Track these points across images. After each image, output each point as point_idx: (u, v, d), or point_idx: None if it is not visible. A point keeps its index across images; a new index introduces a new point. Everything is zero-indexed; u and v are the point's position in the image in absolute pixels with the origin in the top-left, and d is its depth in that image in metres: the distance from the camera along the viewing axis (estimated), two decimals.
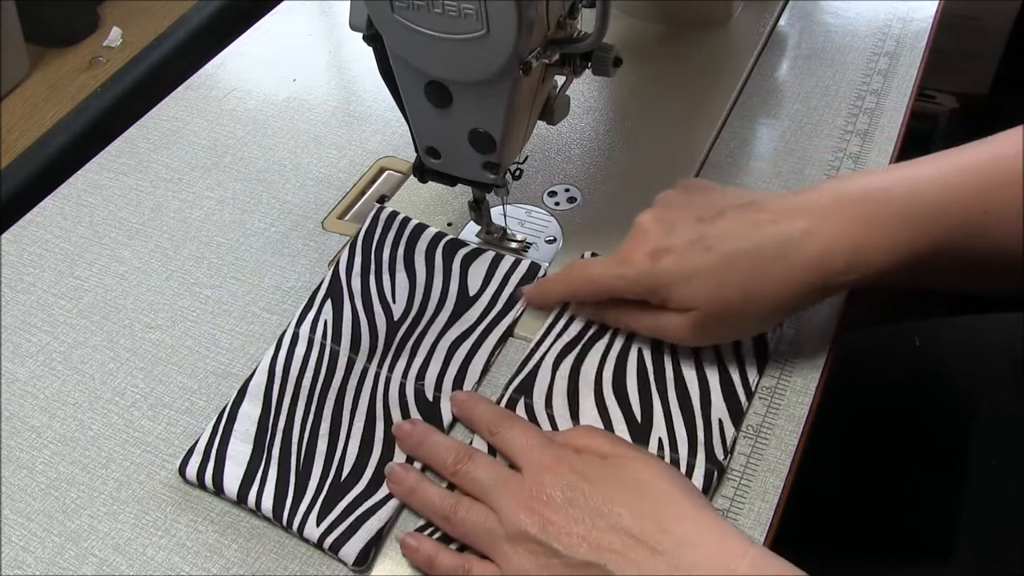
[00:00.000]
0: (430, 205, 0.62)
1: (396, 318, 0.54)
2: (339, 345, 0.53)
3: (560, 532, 0.40)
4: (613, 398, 0.50)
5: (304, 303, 0.55)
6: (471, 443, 0.48)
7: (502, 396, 0.51)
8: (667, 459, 0.47)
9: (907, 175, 0.45)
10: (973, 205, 0.44)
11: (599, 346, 0.52)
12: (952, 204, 0.44)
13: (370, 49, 0.50)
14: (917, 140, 1.36)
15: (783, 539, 0.45)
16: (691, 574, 0.38)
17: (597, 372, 0.51)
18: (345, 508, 0.46)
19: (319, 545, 0.45)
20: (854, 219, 0.44)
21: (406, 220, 0.58)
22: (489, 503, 0.43)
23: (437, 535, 0.45)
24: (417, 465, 0.48)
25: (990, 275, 0.47)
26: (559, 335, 0.53)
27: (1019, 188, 0.44)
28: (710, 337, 0.49)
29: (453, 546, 0.44)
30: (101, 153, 0.70)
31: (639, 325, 0.50)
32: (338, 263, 0.57)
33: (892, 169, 0.46)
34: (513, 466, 0.45)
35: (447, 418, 0.50)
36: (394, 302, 0.55)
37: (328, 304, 0.55)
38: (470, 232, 0.60)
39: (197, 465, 0.48)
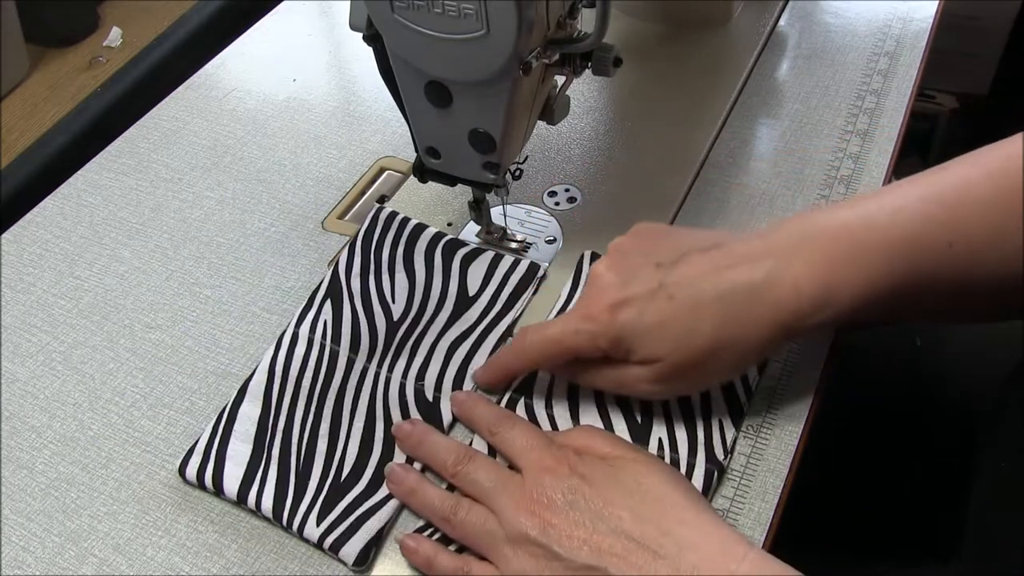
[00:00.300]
0: (430, 205, 0.62)
1: (396, 318, 0.54)
2: (339, 345, 0.53)
3: (561, 535, 0.40)
4: (613, 398, 0.49)
5: (304, 303, 0.55)
6: (471, 443, 0.48)
7: (502, 396, 0.51)
8: (667, 459, 0.46)
9: (871, 209, 0.44)
10: (938, 238, 0.43)
11: None
12: (918, 237, 0.43)
13: (370, 49, 0.50)
14: (917, 140, 1.36)
15: (783, 539, 0.45)
16: None
17: None
18: (345, 508, 0.46)
19: (319, 545, 0.45)
20: (821, 260, 0.43)
21: (406, 220, 0.58)
22: (489, 505, 0.43)
23: (437, 536, 0.45)
24: (417, 465, 0.48)
25: (961, 305, 0.47)
26: None
27: (984, 216, 0.43)
28: (677, 388, 0.47)
29: (452, 547, 0.44)
30: (101, 153, 0.70)
31: (602, 382, 0.48)
32: (338, 263, 0.57)
33: (856, 202, 0.45)
34: (513, 467, 0.45)
35: (447, 418, 0.50)
36: (394, 302, 0.55)
37: (328, 304, 0.55)
38: (470, 232, 0.60)
39: (197, 465, 0.48)
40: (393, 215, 0.59)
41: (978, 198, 0.43)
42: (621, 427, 0.48)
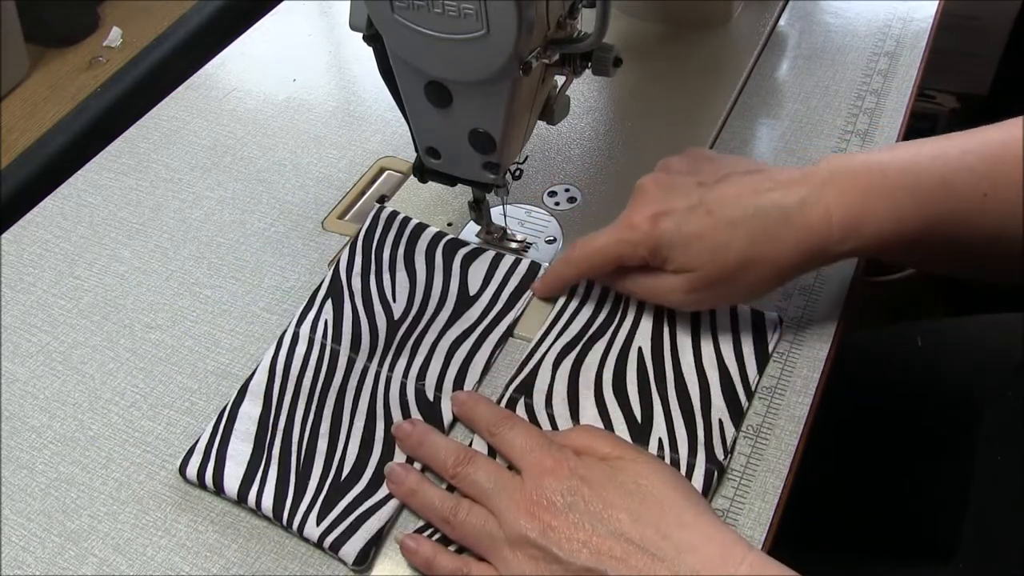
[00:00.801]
0: (430, 205, 0.62)
1: (396, 318, 0.54)
2: (339, 345, 0.53)
3: (560, 537, 0.40)
4: (613, 398, 0.50)
5: (304, 303, 0.55)
6: (471, 444, 0.48)
7: (502, 396, 0.51)
8: (667, 459, 0.46)
9: (909, 152, 0.46)
10: (974, 186, 0.44)
11: (599, 346, 0.52)
12: (952, 183, 0.45)
13: (370, 49, 0.50)
14: None
15: (783, 539, 0.45)
16: None
17: (597, 372, 0.51)
18: (345, 508, 0.46)
19: (319, 544, 0.45)
20: (853, 190, 0.45)
21: (406, 220, 0.58)
22: (489, 506, 0.43)
23: (437, 536, 0.45)
24: (417, 465, 0.48)
25: (984, 259, 0.48)
26: (559, 335, 0.53)
27: (1020, 173, 0.44)
28: (706, 300, 0.49)
29: (452, 548, 0.44)
30: (101, 153, 0.70)
31: (636, 287, 0.51)
32: (338, 263, 0.57)
33: (896, 147, 0.47)
34: (512, 467, 0.45)
35: (447, 418, 0.50)
36: (394, 302, 0.55)
37: (328, 304, 0.55)
38: (470, 232, 0.60)
39: (197, 465, 0.48)
40: (394, 215, 0.59)
41: (1017, 155, 0.44)
42: (621, 427, 0.48)
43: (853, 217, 0.45)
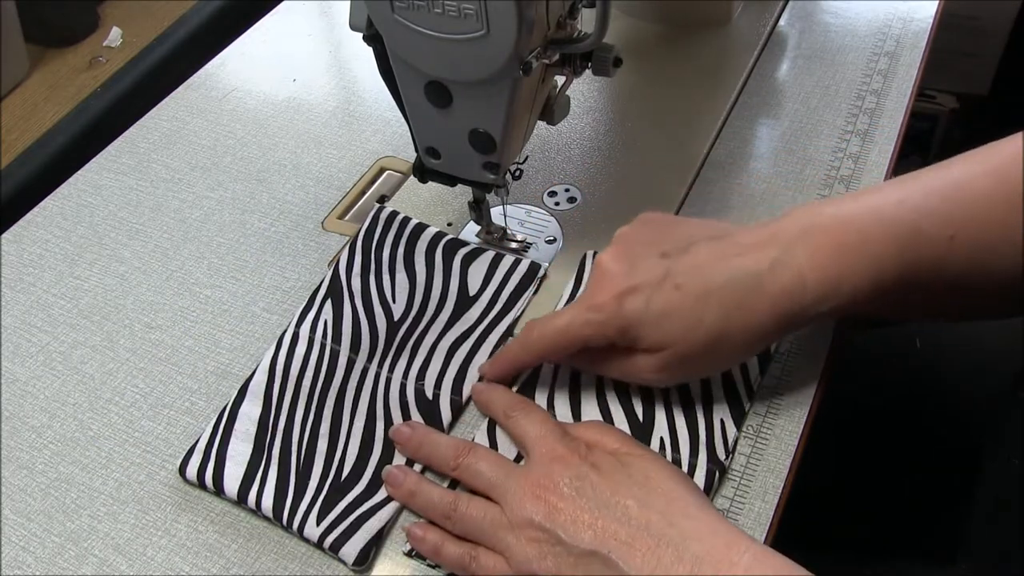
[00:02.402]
0: (430, 205, 0.62)
1: (396, 318, 0.54)
2: (339, 345, 0.53)
3: (566, 520, 0.40)
4: (615, 397, 0.50)
5: (304, 303, 0.55)
6: (473, 440, 0.48)
7: None
8: (669, 458, 0.47)
9: (875, 201, 0.45)
10: (940, 230, 0.43)
11: None
12: (921, 228, 0.43)
13: (370, 49, 0.50)
14: (917, 140, 1.36)
15: (783, 539, 0.45)
16: (694, 566, 0.38)
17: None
18: (345, 508, 0.46)
19: (319, 545, 0.45)
20: (825, 248, 0.43)
21: (406, 220, 0.58)
22: (494, 495, 0.44)
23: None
24: (417, 467, 0.48)
25: (965, 300, 0.47)
26: None
27: (985, 211, 0.43)
28: (683, 376, 0.48)
29: None
30: (101, 153, 0.70)
31: (608, 370, 0.49)
32: (338, 263, 0.57)
33: (860, 195, 0.46)
34: (519, 457, 0.46)
35: (447, 418, 0.50)
36: (394, 302, 0.55)
37: (328, 304, 0.55)
38: (470, 232, 0.60)
39: (197, 465, 0.48)
40: (393, 215, 0.59)
41: (980, 193, 0.44)
42: (623, 426, 0.48)
43: (828, 277, 0.43)
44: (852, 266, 0.43)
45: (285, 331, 0.54)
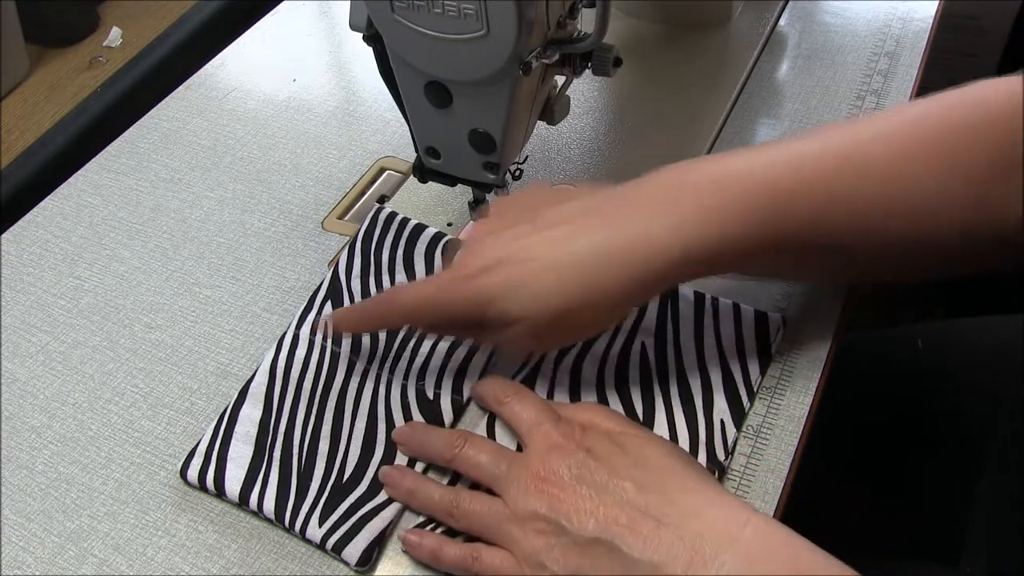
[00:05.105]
0: (430, 205, 0.62)
1: None
2: (340, 347, 0.53)
3: (569, 509, 0.40)
4: (615, 396, 0.50)
5: (304, 304, 0.55)
6: None
7: None
8: None
9: (739, 163, 0.44)
10: (812, 193, 0.43)
11: (602, 341, 0.52)
12: (790, 192, 0.43)
13: (370, 49, 0.50)
14: None
15: None
16: (695, 544, 0.38)
17: (599, 368, 0.51)
18: (348, 509, 0.46)
19: (321, 546, 0.45)
20: (678, 214, 0.43)
21: (405, 220, 0.58)
22: (495, 487, 0.44)
23: (441, 531, 0.45)
24: (419, 467, 0.48)
25: (836, 264, 0.47)
26: None
27: (861, 180, 0.43)
28: (550, 344, 0.49)
29: (459, 539, 0.45)
30: (101, 153, 0.70)
31: (483, 340, 0.50)
32: (338, 264, 0.57)
33: (732, 155, 0.45)
34: (517, 449, 0.46)
35: (448, 417, 0.50)
36: None
37: (328, 306, 0.55)
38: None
39: (199, 468, 0.48)
40: (392, 215, 0.59)
41: (865, 157, 0.44)
42: None
43: (679, 243, 0.43)
44: (703, 232, 0.43)
45: (285, 333, 0.54)
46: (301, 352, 0.52)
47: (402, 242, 0.57)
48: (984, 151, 0.43)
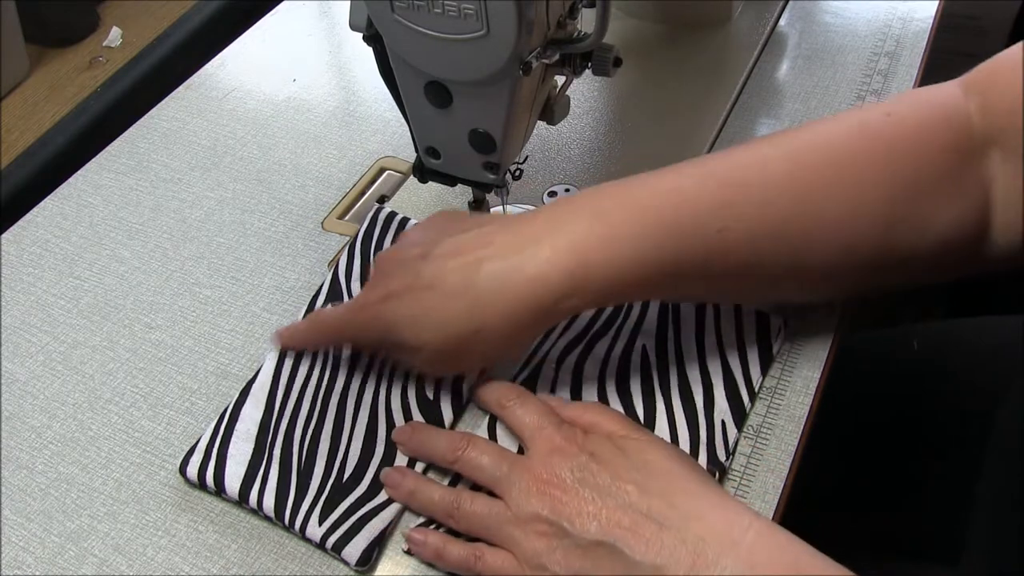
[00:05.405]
0: (430, 205, 0.62)
1: None
2: (341, 352, 0.53)
3: (571, 512, 0.41)
4: (616, 395, 0.50)
5: (305, 306, 0.55)
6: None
7: None
8: None
9: (641, 192, 0.45)
10: (708, 221, 0.44)
11: (603, 343, 0.52)
12: (682, 222, 0.44)
13: (370, 49, 0.50)
14: None
15: None
16: (697, 547, 0.38)
17: (600, 369, 0.51)
18: (348, 508, 0.46)
19: (321, 545, 0.45)
20: (569, 245, 0.43)
21: (405, 220, 0.58)
22: (497, 489, 0.44)
23: (442, 531, 0.45)
24: (419, 467, 0.48)
25: (745, 287, 0.48)
26: (564, 331, 0.53)
27: (774, 194, 0.44)
28: (450, 369, 0.49)
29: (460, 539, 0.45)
30: (101, 153, 0.70)
31: (396, 360, 0.51)
32: (338, 265, 0.57)
33: (636, 181, 0.46)
34: (519, 451, 0.46)
35: (448, 417, 0.50)
36: None
37: (328, 308, 0.55)
38: None
39: (198, 465, 0.48)
40: (392, 215, 0.59)
41: (772, 177, 0.44)
42: None
43: (569, 275, 0.43)
44: (595, 263, 0.43)
45: None
46: (307, 359, 0.52)
47: None
48: (889, 176, 0.44)
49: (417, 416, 0.50)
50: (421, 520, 0.46)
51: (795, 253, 0.45)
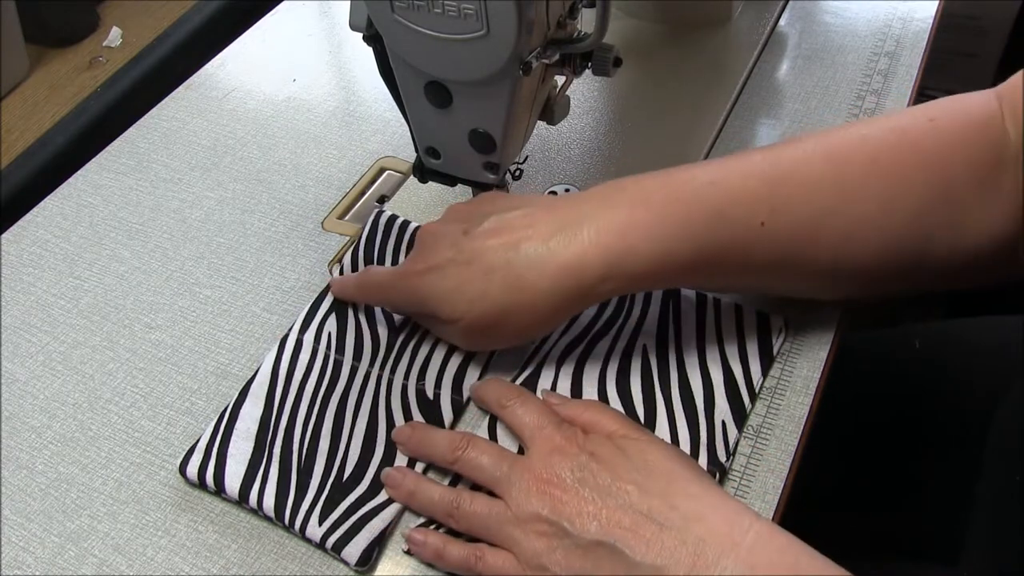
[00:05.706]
0: (430, 205, 0.62)
1: (398, 324, 0.54)
2: (343, 356, 0.53)
3: (571, 512, 0.41)
4: (616, 395, 0.50)
5: (307, 308, 0.55)
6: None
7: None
8: None
9: (681, 180, 0.46)
10: (750, 215, 0.44)
11: (604, 342, 0.52)
12: (726, 213, 0.44)
13: (370, 49, 0.50)
14: None
15: None
16: (697, 548, 0.38)
17: (601, 369, 0.51)
18: (348, 508, 0.46)
19: (321, 545, 0.45)
20: (610, 229, 0.44)
21: (406, 223, 0.58)
22: (497, 489, 0.44)
23: (442, 531, 0.45)
24: (419, 467, 0.48)
25: (779, 281, 0.48)
26: (564, 331, 0.53)
27: (811, 192, 0.44)
28: (482, 344, 0.51)
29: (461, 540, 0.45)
30: (101, 153, 0.70)
31: (429, 327, 0.52)
32: (342, 269, 0.57)
33: (672, 172, 0.46)
34: (519, 451, 0.46)
35: (448, 417, 0.50)
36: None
37: (332, 318, 0.54)
38: None
39: (198, 464, 0.48)
40: (393, 218, 0.59)
41: (809, 176, 0.45)
42: None
43: (610, 257, 0.44)
44: (635, 248, 0.44)
45: (287, 335, 0.53)
46: (305, 357, 0.52)
47: (403, 247, 0.57)
48: (924, 180, 0.45)
49: (417, 416, 0.50)
50: (421, 520, 0.46)
51: (834, 251, 0.45)
